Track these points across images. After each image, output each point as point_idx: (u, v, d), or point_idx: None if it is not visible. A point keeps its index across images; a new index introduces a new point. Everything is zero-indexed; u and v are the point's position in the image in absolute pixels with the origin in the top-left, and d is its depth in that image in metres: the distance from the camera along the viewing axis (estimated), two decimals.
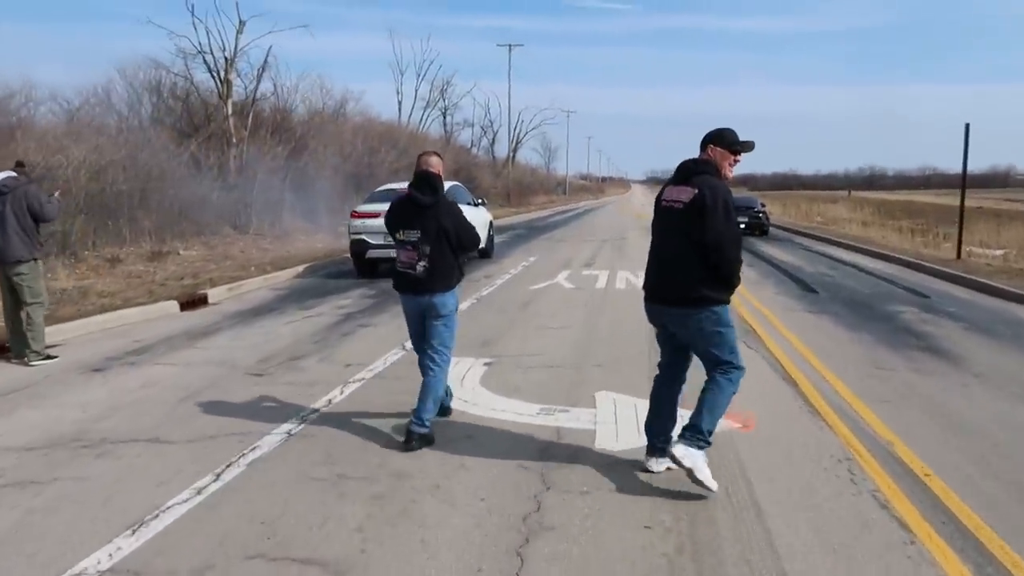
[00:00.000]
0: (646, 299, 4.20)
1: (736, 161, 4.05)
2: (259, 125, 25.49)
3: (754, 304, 10.11)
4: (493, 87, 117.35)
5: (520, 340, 7.72)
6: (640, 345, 7.49)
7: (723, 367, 3.94)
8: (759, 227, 25.16)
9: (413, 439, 4.57)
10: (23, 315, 7.07)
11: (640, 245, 20.15)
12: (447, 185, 14.96)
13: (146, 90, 25.18)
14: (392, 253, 13.17)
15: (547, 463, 4.33)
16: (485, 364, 6.69)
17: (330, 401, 5.62)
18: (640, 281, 12.20)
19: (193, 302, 10.66)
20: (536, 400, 5.60)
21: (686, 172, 3.99)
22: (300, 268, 14.37)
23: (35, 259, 7.18)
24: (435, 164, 4.81)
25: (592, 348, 7.39)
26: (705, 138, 4.05)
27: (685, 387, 4.34)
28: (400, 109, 51.09)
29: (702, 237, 3.74)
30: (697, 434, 3.87)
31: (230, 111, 23.15)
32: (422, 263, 4.67)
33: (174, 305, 10.29)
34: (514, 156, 67.28)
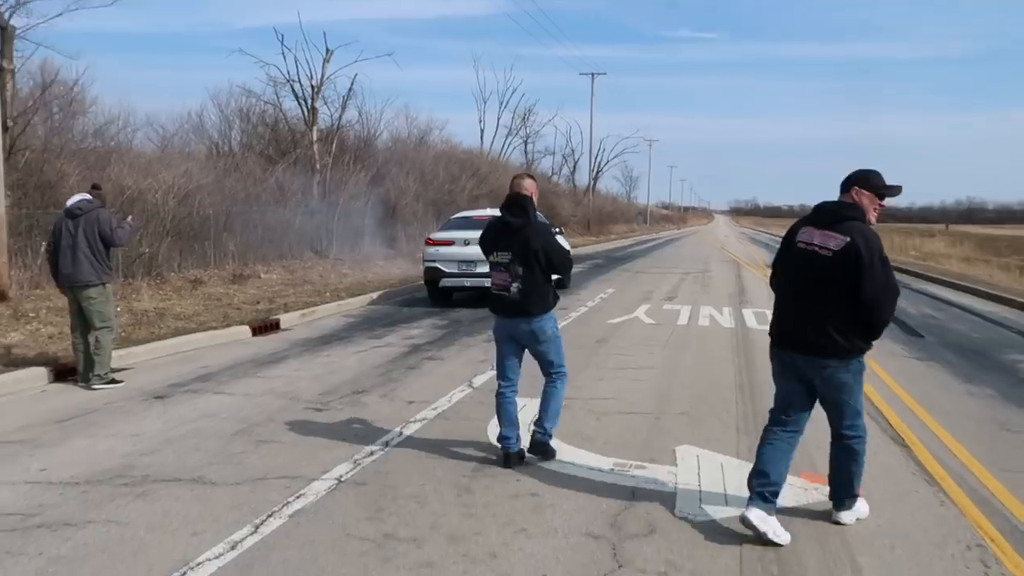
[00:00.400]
0: (778, 345, 3.91)
1: (881, 206, 3.79)
2: (343, 151, 25.95)
3: None
4: (575, 115, 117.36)
5: (594, 381, 7.20)
6: (726, 391, 6.86)
7: (853, 423, 3.82)
8: None
9: (536, 448, 4.83)
10: (91, 339, 7.01)
11: (724, 278, 19.31)
12: None
13: (237, 117, 26.05)
14: (466, 283, 12.82)
15: (620, 532, 3.80)
16: None
17: (387, 444, 5.24)
18: (724, 318, 11.44)
19: (265, 327, 10.58)
20: (610, 452, 5.07)
21: (831, 216, 3.72)
22: (374, 295, 14.25)
23: (104, 284, 7.13)
24: (528, 186, 4.83)
25: (673, 393, 6.81)
26: (849, 180, 3.79)
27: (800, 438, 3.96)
28: (482, 137, 51.56)
29: (857, 292, 3.55)
30: (852, 499, 3.95)
31: (315, 138, 23.58)
32: (516, 284, 4.68)
33: (246, 330, 10.22)
34: (595, 185, 66.84)
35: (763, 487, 3.75)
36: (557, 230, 15.79)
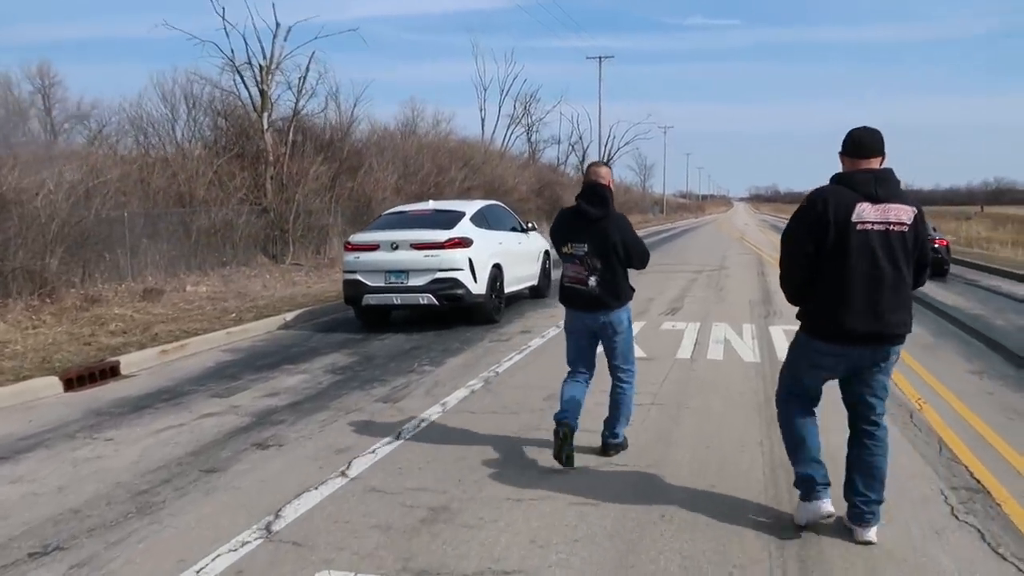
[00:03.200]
0: (850, 341, 3.37)
1: None
2: (306, 140, 22.80)
3: (944, 398, 5.98)
4: (584, 104, 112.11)
5: (507, 510, 3.95)
6: (749, 538, 3.56)
7: (882, 413, 3.53)
8: (937, 265, 15.08)
9: (610, 450, 4.69)
10: None
11: (744, 278, 15.91)
12: (482, 204, 11.37)
13: (186, 106, 22.92)
14: (395, 300, 9.51)
15: None
16: None
17: None
18: (745, 345, 8.08)
19: (91, 376, 7.45)
20: None
21: (895, 185, 3.36)
22: (291, 315, 11.04)
23: None
24: (604, 175, 4.63)
25: (644, 540, 3.54)
26: (882, 142, 3.43)
27: None
28: (483, 127, 48.32)
29: (921, 259, 3.42)
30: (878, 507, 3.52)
31: (266, 125, 20.41)
32: (593, 278, 4.49)
33: (54, 384, 7.11)
34: None
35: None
36: (529, 226, 12.51)
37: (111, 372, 7.72)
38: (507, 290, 10.85)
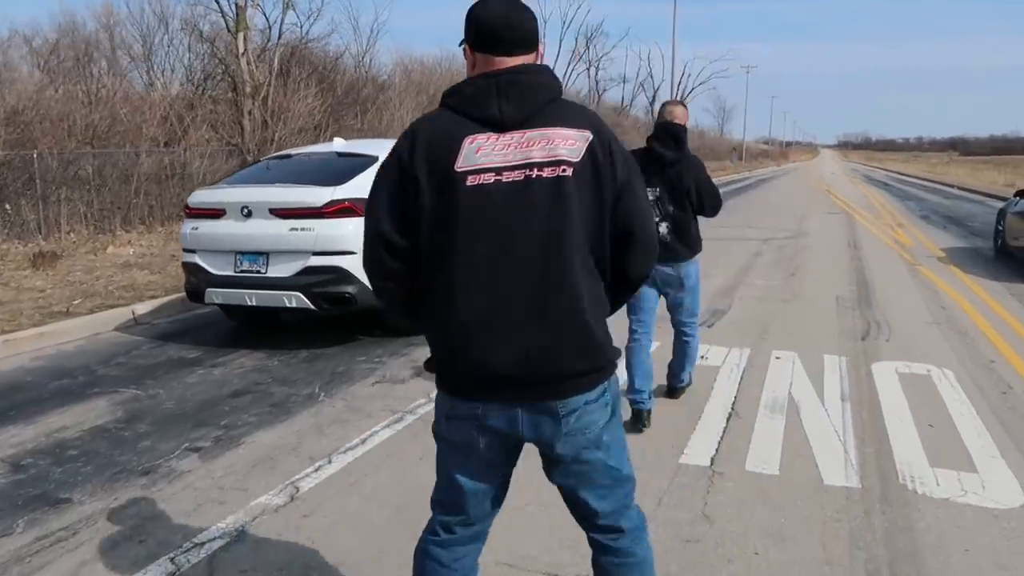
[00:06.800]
0: (484, 390, 1.82)
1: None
2: (305, 70, 19.29)
3: None
4: (657, 43, 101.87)
5: None
6: None
7: (614, 512, 2.25)
8: None
9: (677, 393, 4.72)
10: None
11: (830, 252, 11.67)
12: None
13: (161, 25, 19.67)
14: (249, 299, 5.71)
15: None
16: None
17: None
18: (833, 412, 4.25)
19: None
20: None
21: (542, 92, 1.79)
22: (148, 307, 7.55)
23: None
24: (680, 115, 4.27)
25: None
26: (533, 27, 1.85)
27: None
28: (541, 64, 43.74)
29: (624, 228, 1.84)
30: None
31: (242, 48, 16.90)
32: (665, 224, 4.17)
33: None
34: None
35: None
36: None
37: None
38: None
